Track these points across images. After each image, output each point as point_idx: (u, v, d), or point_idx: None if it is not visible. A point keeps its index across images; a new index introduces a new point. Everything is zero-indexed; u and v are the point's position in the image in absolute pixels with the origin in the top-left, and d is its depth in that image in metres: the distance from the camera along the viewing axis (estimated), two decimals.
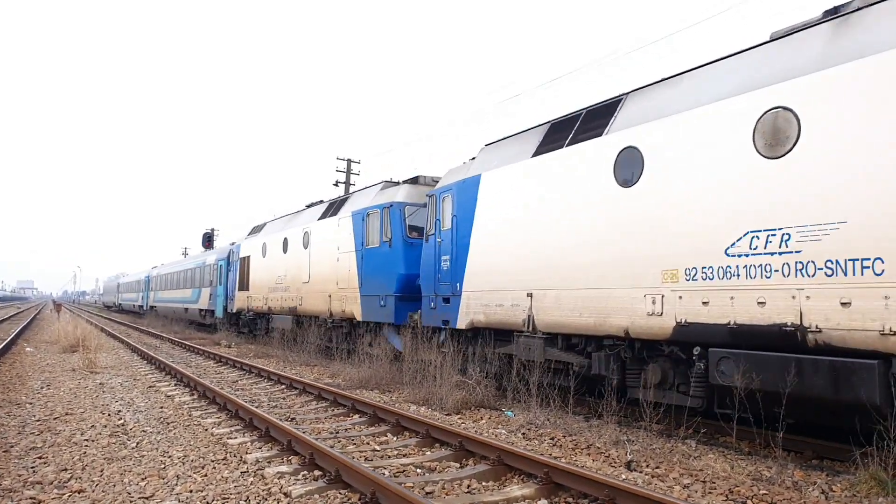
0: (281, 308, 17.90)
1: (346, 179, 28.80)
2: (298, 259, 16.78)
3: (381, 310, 12.57)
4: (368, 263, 13.22)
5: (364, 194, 14.62)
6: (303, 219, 17.49)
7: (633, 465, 5.85)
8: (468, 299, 9.87)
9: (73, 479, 5.42)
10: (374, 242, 13.04)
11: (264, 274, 19.35)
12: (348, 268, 13.93)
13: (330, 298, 14.72)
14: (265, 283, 19.22)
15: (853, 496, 5.06)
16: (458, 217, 10.31)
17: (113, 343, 20.71)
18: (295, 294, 16.88)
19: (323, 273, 15.23)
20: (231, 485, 5.20)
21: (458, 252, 10.17)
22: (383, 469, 5.61)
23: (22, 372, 12.66)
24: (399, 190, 13.02)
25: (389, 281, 12.31)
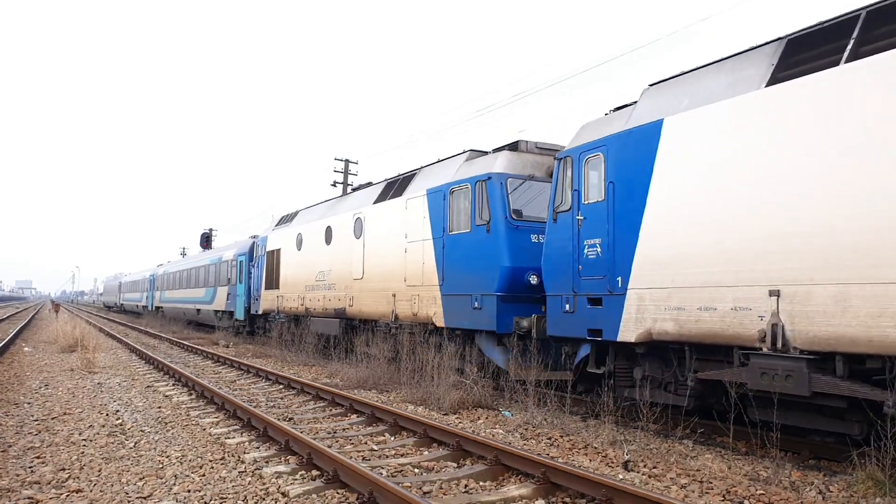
0: (323, 310, 15.11)
1: (344, 180, 28.77)
2: (348, 251, 14.13)
3: (475, 313, 9.82)
4: (454, 254, 10.47)
5: (441, 168, 11.71)
6: (351, 203, 14.95)
7: (630, 465, 5.86)
8: (640, 300, 7.07)
9: (71, 478, 5.42)
10: (463, 227, 10.35)
11: (300, 270, 16.72)
12: (422, 260, 11.20)
13: (394, 298, 11.98)
14: (301, 280, 16.56)
15: (850, 496, 5.07)
16: (618, 184, 7.53)
17: (111, 343, 20.70)
18: (343, 293, 14.18)
19: (384, 267, 12.55)
20: (229, 484, 5.21)
21: (619, 233, 7.43)
22: (381, 469, 5.62)
23: (20, 372, 12.65)
24: (497, 158, 10.18)
25: (488, 276, 9.60)
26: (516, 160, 10.12)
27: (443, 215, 10.86)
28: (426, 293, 11.07)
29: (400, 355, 11.03)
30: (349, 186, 28.60)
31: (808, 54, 6.12)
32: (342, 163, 28.91)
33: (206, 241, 40.29)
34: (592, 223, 7.90)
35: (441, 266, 10.72)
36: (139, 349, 17.21)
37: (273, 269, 18.78)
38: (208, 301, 27.10)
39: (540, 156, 10.30)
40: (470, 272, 10.06)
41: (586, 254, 7.95)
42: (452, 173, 10.99)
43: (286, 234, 18.20)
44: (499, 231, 9.61)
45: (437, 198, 11.09)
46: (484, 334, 9.88)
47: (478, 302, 9.78)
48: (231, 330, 23.80)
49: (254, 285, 20.89)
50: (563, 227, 8.40)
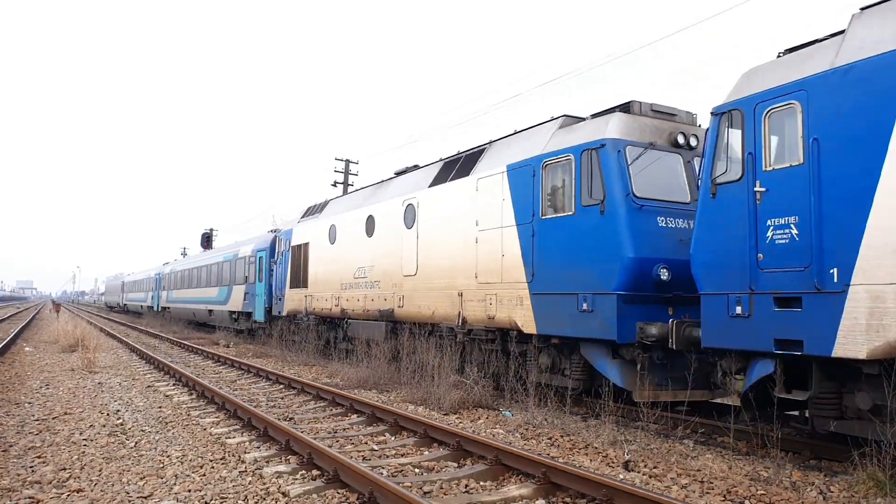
0: (364, 311, 13.26)
1: (345, 180, 28.78)
2: (396, 243, 12.22)
3: (582, 318, 7.94)
4: (549, 243, 8.57)
5: (523, 139, 9.75)
6: (399, 187, 12.90)
7: (630, 465, 5.86)
8: (875, 300, 5.14)
9: (72, 478, 5.42)
10: (562, 209, 8.48)
11: (334, 266, 14.85)
12: (500, 252, 9.35)
13: (461, 298, 10.16)
14: (335, 277, 14.69)
15: (851, 497, 5.07)
16: (828, 141, 5.62)
17: (112, 343, 20.72)
18: (390, 292, 12.35)
19: (445, 261, 10.71)
20: (229, 484, 5.21)
21: (832, 207, 5.53)
22: (381, 469, 5.62)
23: (21, 371, 12.67)
24: (609, 122, 8.19)
25: (602, 270, 7.76)
26: (632, 124, 8.20)
27: (531, 196, 8.86)
28: (507, 292, 9.16)
29: (400, 355, 10.99)
30: (350, 186, 28.59)
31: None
32: (342, 163, 28.93)
33: (206, 241, 40.32)
34: (781, 196, 5.92)
35: (530, 259, 8.79)
36: (140, 349, 17.22)
37: (300, 265, 16.89)
38: (222, 301, 25.05)
39: (658, 120, 8.45)
40: (574, 266, 8.13)
41: (771, 237, 5.96)
42: (543, 144, 9.00)
43: (315, 227, 16.26)
44: (618, 213, 7.69)
45: (523, 175, 9.08)
46: (594, 344, 8.00)
47: (587, 303, 7.86)
48: (247, 333, 22.12)
49: (276, 284, 18.96)
50: (729, 204, 6.37)
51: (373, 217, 13.36)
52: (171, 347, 19.80)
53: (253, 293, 21.25)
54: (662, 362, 7.46)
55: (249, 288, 21.71)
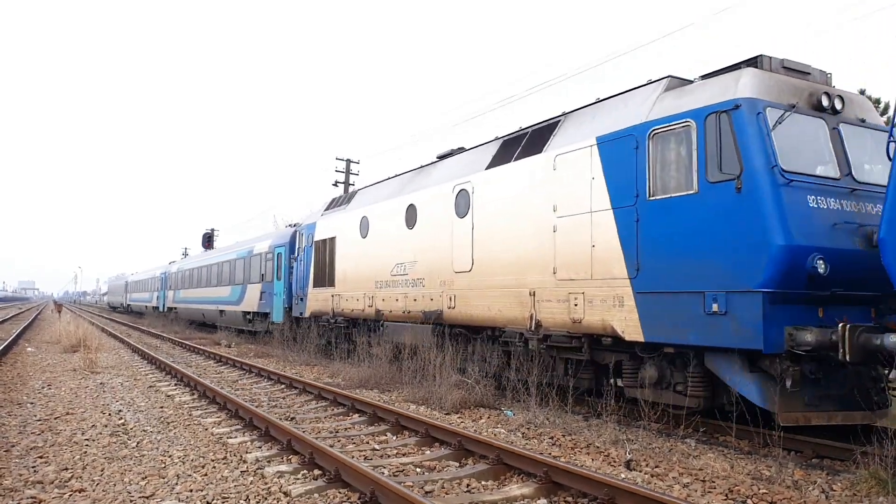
0: (405, 312, 11.78)
1: (346, 179, 28.78)
2: (445, 234, 10.74)
3: (710, 321, 6.48)
4: (661, 229, 7.05)
5: (615, 106, 8.24)
6: (447, 171, 11.42)
7: (632, 465, 5.86)
8: None
9: (74, 478, 5.43)
10: (678, 187, 6.96)
11: (366, 262, 13.40)
12: (589, 241, 7.86)
13: (533, 298, 8.67)
14: (368, 274, 13.23)
15: (853, 495, 5.06)
16: None
17: (113, 343, 20.74)
18: (437, 291, 10.83)
19: (511, 254, 9.20)
20: (231, 484, 5.21)
21: None
22: (383, 468, 5.61)
23: (23, 372, 12.68)
24: (741, 78, 6.77)
25: (741, 261, 6.30)
26: (768, 81, 6.79)
27: (633, 173, 7.37)
28: (599, 290, 7.66)
29: (401, 355, 10.97)
30: (350, 186, 28.59)
31: None
32: (343, 163, 28.93)
33: (207, 241, 40.33)
34: None
35: (633, 249, 7.28)
36: (141, 349, 17.23)
37: (325, 262, 15.39)
38: (235, 301, 23.39)
39: (793, 78, 7.05)
40: (698, 257, 6.67)
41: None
42: (645, 109, 7.52)
43: (343, 220, 14.77)
44: (761, 189, 6.23)
45: (621, 148, 7.60)
46: (725, 354, 6.57)
47: (717, 303, 6.41)
48: (263, 335, 20.18)
49: (297, 283, 17.44)
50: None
51: (414, 206, 11.74)
52: (173, 348, 19.82)
53: (270, 292, 19.67)
54: (815, 377, 6.20)
55: (266, 287, 20.12)
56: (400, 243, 12.16)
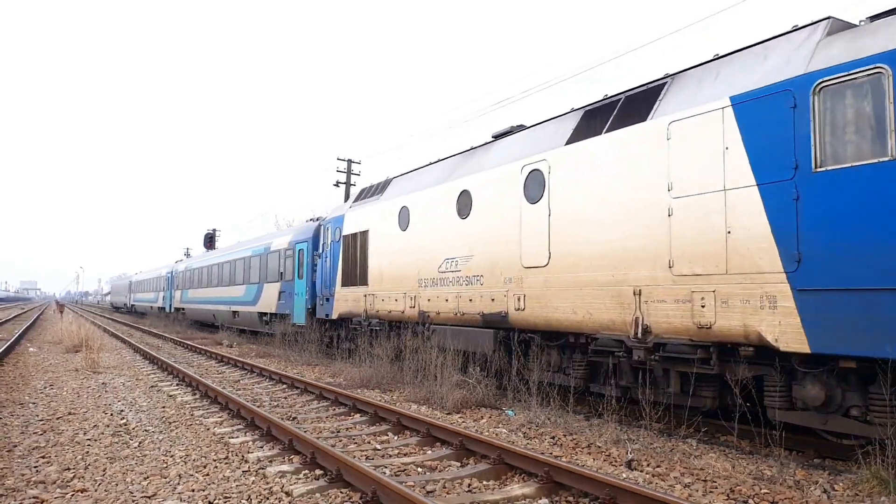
0: (457, 314, 10.29)
1: (347, 180, 28.80)
2: (510, 223, 9.25)
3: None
4: (837, 207, 5.62)
5: (751, 59, 6.79)
6: (509, 150, 9.87)
7: (633, 464, 5.86)
8: None
9: (76, 478, 5.44)
10: (860, 153, 5.53)
11: (407, 258, 11.92)
12: (725, 226, 6.40)
13: (638, 297, 7.24)
14: (410, 271, 11.76)
15: (855, 495, 5.06)
16: None
17: (115, 343, 20.77)
18: (500, 289, 9.31)
19: (604, 244, 7.70)
20: (233, 484, 5.22)
21: None
22: (384, 468, 5.62)
23: (25, 372, 12.70)
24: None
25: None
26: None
27: (790, 138, 5.95)
28: (739, 288, 6.22)
29: (403, 354, 10.95)
30: (352, 186, 28.61)
31: None
32: (344, 163, 28.95)
33: (209, 242, 40.37)
34: None
35: (791, 235, 5.86)
36: (143, 349, 17.25)
37: (355, 258, 13.90)
38: (250, 301, 21.87)
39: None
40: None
41: None
42: (802, 59, 6.09)
43: (377, 211, 13.28)
44: None
45: (770, 108, 6.17)
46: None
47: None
48: (283, 338, 17.48)
49: (322, 281, 15.87)
50: None
51: (468, 192, 10.30)
52: (175, 348, 19.84)
53: (290, 292, 18.14)
54: None
55: (286, 286, 18.58)
56: (450, 235, 10.72)
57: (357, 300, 13.77)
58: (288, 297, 18.39)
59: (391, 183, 13.54)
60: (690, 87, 7.28)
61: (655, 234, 7.10)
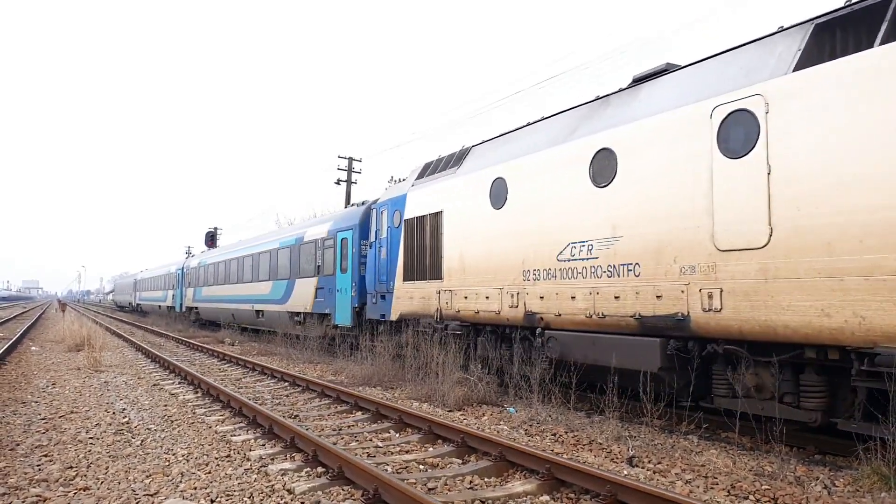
0: (591, 317, 7.88)
1: (348, 177, 28.82)
2: (689, 189, 6.84)
3: None
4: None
5: None
6: (672, 89, 7.51)
7: (634, 461, 5.87)
8: None
9: (79, 476, 5.46)
10: None
11: (504, 242, 9.45)
12: None
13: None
14: (508, 260, 9.31)
15: (856, 491, 5.06)
16: None
17: (117, 342, 20.81)
18: (670, 281, 6.94)
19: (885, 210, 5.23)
20: (235, 482, 5.24)
21: None
22: (386, 465, 5.64)
23: (27, 371, 12.73)
24: None
25: None
26: None
27: None
28: None
29: (404, 352, 10.93)
30: (353, 185, 28.67)
31: None
32: (346, 160, 28.96)
33: (211, 240, 40.40)
34: None
35: None
36: (145, 348, 17.29)
37: (424, 246, 11.50)
38: (278, 299, 19.27)
39: None
40: None
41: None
42: None
43: (454, 187, 10.80)
44: None
45: None
46: None
47: None
48: (319, 342, 15.37)
49: (373, 276, 13.38)
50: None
51: (610, 152, 7.83)
52: (177, 346, 19.87)
53: (331, 288, 15.62)
54: None
55: (325, 281, 16.05)
56: (578, 212, 8.24)
57: (426, 298, 11.26)
58: (328, 294, 15.81)
59: (470, 153, 10.99)
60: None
61: None
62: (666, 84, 7.77)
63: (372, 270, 13.56)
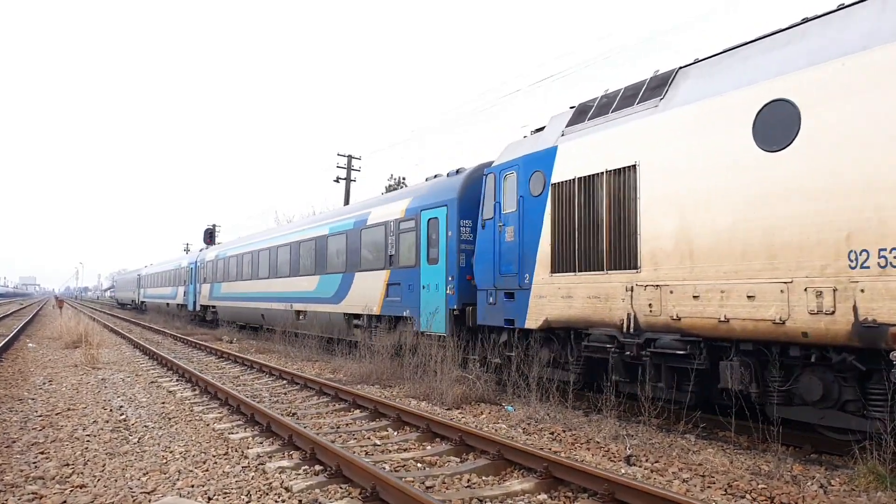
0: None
1: (347, 176, 28.84)
2: None
3: None
4: None
5: None
6: None
7: (632, 460, 5.87)
8: None
9: (75, 474, 5.45)
10: None
11: (801, 206, 5.84)
12: None
13: None
14: (812, 232, 5.72)
15: (852, 490, 5.08)
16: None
17: (115, 339, 20.77)
18: None
19: None
20: (232, 479, 5.23)
21: None
22: (384, 464, 5.64)
23: (24, 368, 12.71)
24: None
25: None
26: None
27: None
28: None
29: (403, 350, 10.90)
30: (353, 182, 28.68)
31: None
32: (345, 159, 28.96)
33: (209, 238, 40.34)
34: None
35: None
36: (143, 345, 17.26)
37: (594, 221, 8.07)
38: (328, 298, 15.65)
39: None
40: None
41: None
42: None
43: (661, 127, 7.36)
44: None
45: None
46: None
47: None
48: (394, 353, 11.52)
49: (490, 266, 9.90)
50: None
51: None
52: (175, 343, 19.85)
53: (413, 284, 12.16)
54: None
55: (403, 276, 12.52)
56: None
57: (603, 297, 7.82)
58: (408, 292, 12.36)
59: (679, 75, 7.59)
60: None
61: None
62: None
63: (487, 259, 10.02)
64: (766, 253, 6.12)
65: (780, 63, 6.38)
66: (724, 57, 7.18)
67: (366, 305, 13.80)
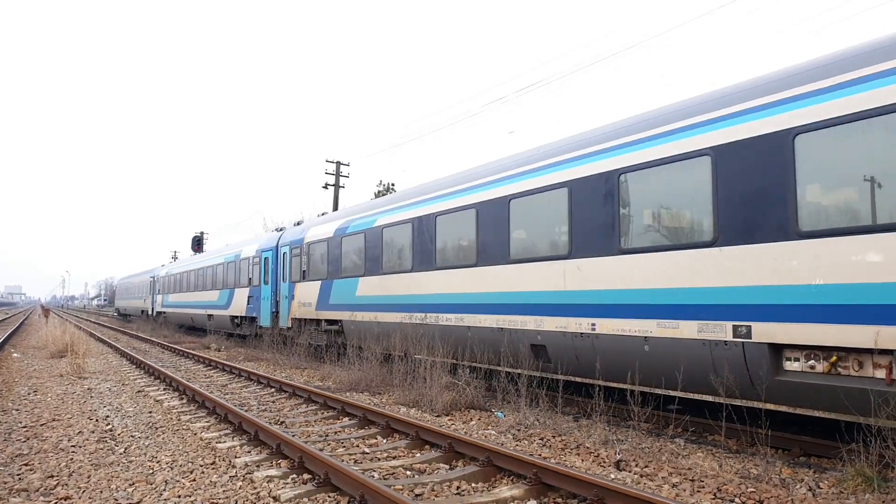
0: None
1: (336, 182, 28.75)
2: None
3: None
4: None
5: None
6: None
7: (622, 465, 5.87)
8: None
9: (60, 485, 5.37)
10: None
11: None
12: None
13: None
14: None
15: (840, 492, 5.10)
16: None
17: (101, 348, 20.56)
18: None
19: None
20: (220, 489, 5.18)
21: None
22: (373, 472, 5.60)
23: (8, 378, 12.54)
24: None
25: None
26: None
27: None
28: None
29: (392, 357, 10.90)
30: (341, 189, 28.59)
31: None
32: (333, 165, 28.88)
33: (197, 245, 40.03)
34: None
35: None
36: (130, 354, 17.09)
37: None
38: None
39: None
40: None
41: None
42: None
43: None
44: None
45: None
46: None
47: None
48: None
49: None
50: None
51: None
52: (162, 352, 19.67)
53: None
54: None
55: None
56: None
57: None
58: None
59: None
60: None
61: None
62: None
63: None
64: None
65: None
66: None
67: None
